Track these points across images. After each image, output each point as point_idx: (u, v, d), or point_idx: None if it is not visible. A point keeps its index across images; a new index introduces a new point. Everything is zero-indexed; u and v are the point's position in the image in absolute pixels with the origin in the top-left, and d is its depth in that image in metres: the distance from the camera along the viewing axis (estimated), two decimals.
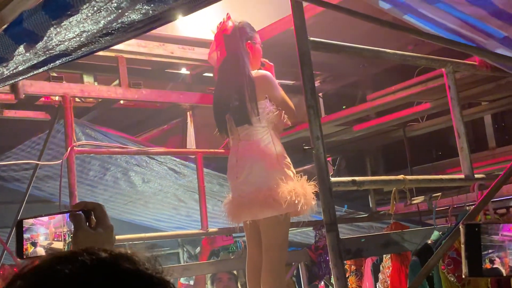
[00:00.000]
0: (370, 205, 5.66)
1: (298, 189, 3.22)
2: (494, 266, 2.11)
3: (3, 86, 2.30)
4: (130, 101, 4.79)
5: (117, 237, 4.32)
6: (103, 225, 1.28)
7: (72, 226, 1.28)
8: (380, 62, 5.11)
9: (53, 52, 2.19)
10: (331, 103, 6.01)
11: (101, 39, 2.11)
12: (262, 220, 3.29)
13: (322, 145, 2.52)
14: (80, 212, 1.28)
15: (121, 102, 5.06)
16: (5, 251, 4.64)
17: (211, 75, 5.07)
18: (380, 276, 4.40)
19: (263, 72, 3.50)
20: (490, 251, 2.09)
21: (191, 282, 5.82)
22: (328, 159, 6.49)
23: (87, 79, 4.66)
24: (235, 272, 5.41)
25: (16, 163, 4.62)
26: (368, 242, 2.46)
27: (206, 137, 5.38)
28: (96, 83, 4.67)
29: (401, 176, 2.85)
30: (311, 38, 2.54)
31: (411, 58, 3.26)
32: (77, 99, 4.57)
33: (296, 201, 3.17)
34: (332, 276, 2.38)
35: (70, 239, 1.28)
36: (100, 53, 3.70)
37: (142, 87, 4.52)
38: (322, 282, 5.41)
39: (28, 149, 4.86)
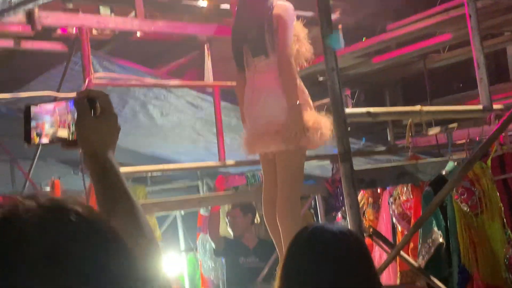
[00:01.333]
0: (389, 139, 5.67)
1: (314, 122, 3.20)
2: None
3: (14, 14, 2.28)
4: (147, 33, 4.76)
5: (137, 168, 4.41)
6: (107, 114, 1.25)
7: (75, 115, 1.25)
8: None
9: None
10: (350, 35, 5.93)
11: None
12: (277, 153, 3.29)
13: (337, 76, 2.52)
14: (85, 99, 1.25)
15: (138, 35, 5.05)
16: (27, 181, 4.74)
17: (228, 6, 5.02)
18: (392, 206, 4.44)
19: (284, 3, 3.37)
20: None
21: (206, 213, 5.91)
22: (347, 92, 6.50)
23: (104, 10, 4.64)
24: (253, 203, 5.47)
25: (35, 94, 4.64)
26: (382, 173, 2.47)
27: (223, 70, 5.36)
28: (112, 15, 4.65)
29: (417, 107, 2.84)
30: None
31: None
32: (94, 32, 4.55)
33: (311, 134, 3.16)
34: (345, 205, 2.41)
35: (74, 128, 1.26)
36: None
37: (159, 19, 4.49)
38: (339, 214, 5.49)
39: (46, 81, 4.87)
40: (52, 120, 1.28)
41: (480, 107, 3.16)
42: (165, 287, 1.19)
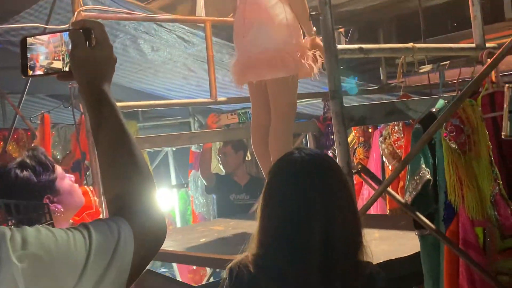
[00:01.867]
0: (381, 77, 5.65)
1: (306, 51, 3.17)
2: None
3: None
4: None
5: (128, 103, 4.40)
6: (103, 44, 1.24)
7: (70, 46, 1.25)
8: None
9: None
10: None
11: None
12: (269, 82, 3.27)
13: (330, 12, 2.47)
14: (79, 30, 1.25)
15: None
16: (17, 115, 4.73)
17: None
18: (382, 145, 4.47)
19: None
20: None
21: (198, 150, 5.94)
22: (340, 30, 6.44)
23: None
24: (245, 141, 5.49)
25: (24, 26, 4.57)
26: (372, 110, 2.46)
27: (216, 6, 5.29)
28: None
29: (409, 44, 2.82)
30: None
31: None
32: None
33: (303, 62, 3.14)
34: (335, 141, 2.41)
35: (68, 59, 1.26)
36: None
37: None
38: (330, 152, 5.53)
39: (36, 13, 4.83)
40: (47, 51, 1.27)
41: (473, 45, 3.14)
42: (160, 221, 1.21)
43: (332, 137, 4.86)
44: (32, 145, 4.68)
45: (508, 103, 2.35)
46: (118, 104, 1.29)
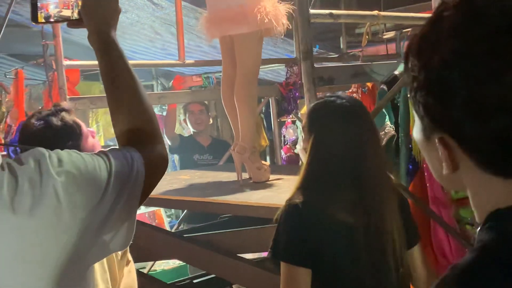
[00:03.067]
0: (341, 46, 5.81)
1: (270, 8, 3.30)
2: None
3: None
4: None
5: (92, 62, 4.42)
6: None
7: None
8: None
9: None
10: None
11: None
12: (235, 37, 3.41)
13: None
14: None
15: None
16: None
17: None
18: None
19: None
20: None
21: (164, 113, 6.02)
22: None
23: None
24: (206, 102, 5.63)
25: None
26: (339, 71, 2.65)
27: None
28: None
29: (375, 12, 3.00)
30: None
31: None
32: None
33: (267, 20, 3.26)
34: (305, 99, 2.58)
35: (77, 8, 1.36)
36: None
37: None
38: (291, 116, 5.71)
39: None
40: (57, 1, 1.37)
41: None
42: (162, 151, 1.37)
43: (293, 102, 5.04)
44: (7, 100, 4.70)
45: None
46: (82, 62, 1.43)
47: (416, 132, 0.91)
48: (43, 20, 1.39)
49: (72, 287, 1.13)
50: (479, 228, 0.88)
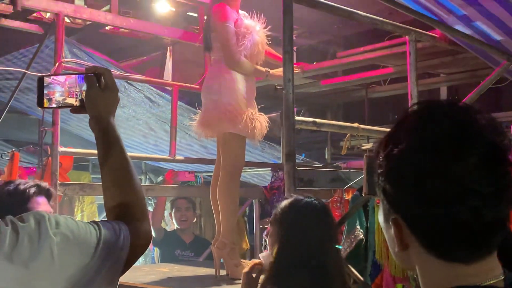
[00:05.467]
0: (326, 156, 6.01)
1: (254, 115, 3.54)
2: None
3: None
4: (117, 27, 4.97)
5: (85, 150, 4.60)
6: (111, 87, 1.47)
7: (83, 87, 1.44)
8: (353, 25, 5.33)
9: None
10: (303, 57, 6.26)
11: None
12: (220, 136, 3.62)
13: (292, 87, 2.79)
14: (92, 74, 1.44)
15: (107, 28, 5.26)
16: None
17: (196, 14, 5.28)
18: None
19: (218, 6, 3.61)
20: None
21: (150, 209, 6.09)
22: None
23: (78, 1, 4.84)
24: (194, 200, 5.73)
25: (4, 69, 4.74)
26: (319, 175, 2.83)
27: (182, 73, 5.61)
28: (85, 6, 4.86)
29: (355, 124, 3.21)
30: None
31: (380, 22, 3.44)
32: (66, 19, 4.74)
33: (251, 125, 3.49)
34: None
35: (80, 97, 1.46)
36: None
37: (130, 16, 4.72)
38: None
39: (14, 60, 5.02)
40: (62, 90, 1.48)
41: None
42: (148, 228, 1.49)
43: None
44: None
45: (365, 169, 2.66)
46: (79, 150, 1.55)
47: (379, 214, 1.03)
48: (48, 106, 1.50)
49: None
50: None
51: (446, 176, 0.92)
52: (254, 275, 2.37)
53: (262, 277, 2.26)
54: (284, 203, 2.32)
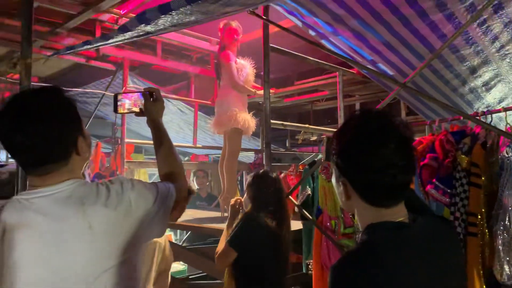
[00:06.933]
0: (287, 145, 6.01)
1: (248, 118, 3.54)
2: None
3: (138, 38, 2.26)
4: (161, 66, 4.93)
5: (141, 141, 4.58)
6: (160, 100, 1.46)
7: (142, 100, 1.43)
8: (305, 64, 5.28)
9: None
10: (274, 84, 6.20)
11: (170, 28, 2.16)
12: (226, 132, 3.58)
13: (268, 103, 2.83)
14: (148, 92, 1.44)
15: (154, 66, 5.20)
16: None
17: (208, 58, 5.24)
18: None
19: (226, 52, 3.59)
20: None
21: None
22: None
23: (135, 49, 4.78)
24: (207, 171, 5.73)
25: (92, 91, 4.71)
26: (284, 156, 2.85)
27: (200, 95, 5.58)
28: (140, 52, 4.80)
29: (306, 125, 3.24)
30: (271, 45, 2.82)
31: (321, 63, 3.51)
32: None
33: (246, 124, 3.48)
34: None
35: (141, 106, 1.43)
36: None
37: (169, 59, 4.69)
38: None
39: (97, 85, 4.98)
40: (130, 102, 1.46)
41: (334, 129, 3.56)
42: (186, 187, 1.47)
43: None
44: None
45: (325, 145, 2.55)
46: (137, 141, 1.47)
47: (333, 178, 1.04)
48: (121, 111, 1.46)
49: (130, 254, 1.19)
50: (361, 233, 1.00)
51: (376, 155, 0.93)
52: (237, 207, 2.38)
53: (241, 211, 2.31)
54: (253, 174, 2.36)
